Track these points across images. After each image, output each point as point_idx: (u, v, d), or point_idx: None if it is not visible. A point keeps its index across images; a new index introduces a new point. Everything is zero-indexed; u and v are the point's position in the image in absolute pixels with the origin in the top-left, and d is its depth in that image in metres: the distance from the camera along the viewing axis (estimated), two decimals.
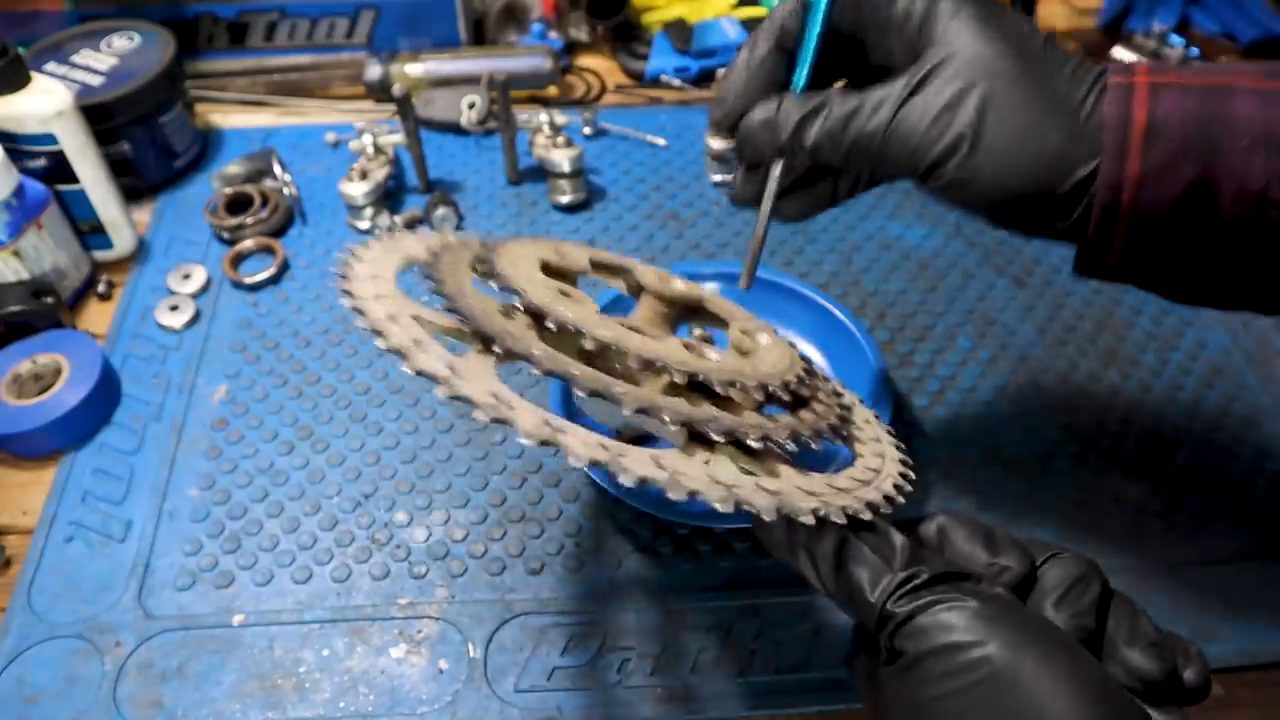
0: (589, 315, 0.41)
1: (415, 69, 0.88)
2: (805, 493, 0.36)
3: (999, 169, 0.39)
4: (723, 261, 0.73)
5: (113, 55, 0.78)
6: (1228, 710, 0.51)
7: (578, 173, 0.78)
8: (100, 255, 0.75)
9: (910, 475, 0.43)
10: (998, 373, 0.67)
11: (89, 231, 0.73)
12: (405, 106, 0.75)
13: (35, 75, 0.68)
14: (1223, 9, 0.95)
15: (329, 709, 0.50)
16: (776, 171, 0.45)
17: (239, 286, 0.73)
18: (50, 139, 0.68)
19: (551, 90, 0.91)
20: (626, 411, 0.37)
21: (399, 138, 0.78)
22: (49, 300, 0.67)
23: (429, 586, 0.55)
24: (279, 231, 0.77)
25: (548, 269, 0.46)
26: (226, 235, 0.75)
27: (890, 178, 0.45)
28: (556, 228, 0.78)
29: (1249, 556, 0.57)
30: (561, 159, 0.76)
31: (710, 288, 0.58)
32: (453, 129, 0.86)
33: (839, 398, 0.49)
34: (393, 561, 0.56)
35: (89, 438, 0.63)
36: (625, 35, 0.95)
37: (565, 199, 0.78)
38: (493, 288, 0.43)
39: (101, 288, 0.73)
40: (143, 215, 0.79)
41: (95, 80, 0.76)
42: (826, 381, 0.51)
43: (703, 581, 0.55)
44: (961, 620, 0.32)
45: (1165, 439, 0.63)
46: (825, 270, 0.74)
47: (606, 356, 0.40)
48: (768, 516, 0.34)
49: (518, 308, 0.41)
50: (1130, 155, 0.37)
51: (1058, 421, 0.63)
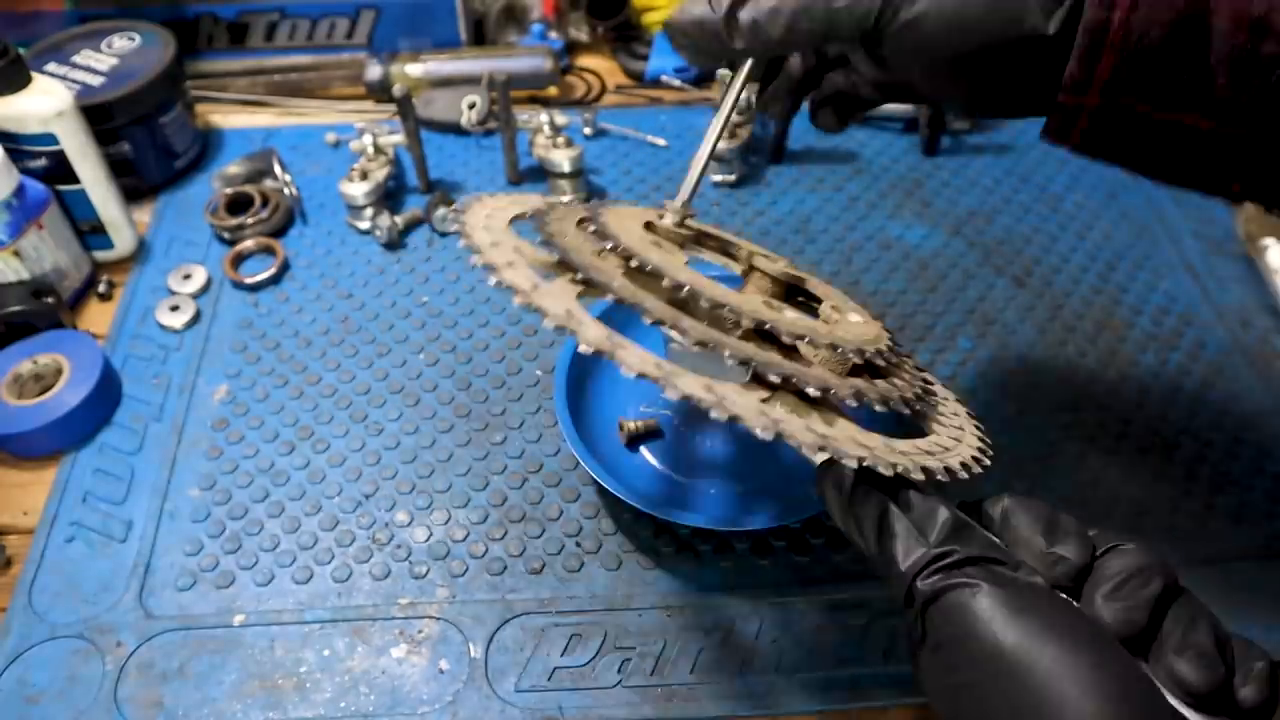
0: (675, 263, 0.42)
1: (415, 69, 0.88)
2: (858, 444, 0.36)
3: (952, 14, 0.36)
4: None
5: (113, 55, 0.78)
6: None
7: (578, 173, 0.78)
8: (101, 255, 0.75)
9: (984, 460, 0.42)
10: (998, 373, 0.67)
11: (89, 231, 0.73)
12: (405, 107, 0.75)
13: (36, 75, 0.68)
14: None
15: (330, 709, 0.50)
16: (743, 71, 0.44)
17: (239, 287, 0.73)
18: (51, 139, 0.68)
19: (551, 90, 0.91)
20: (688, 341, 0.37)
21: (399, 138, 0.78)
22: (49, 300, 0.67)
23: (430, 586, 0.55)
24: (279, 232, 0.77)
25: (651, 228, 0.47)
26: (227, 235, 0.76)
27: (843, 54, 0.43)
28: None
29: (1249, 556, 0.57)
30: (562, 159, 0.77)
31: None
32: (453, 129, 0.86)
33: (926, 382, 0.48)
34: (393, 561, 0.57)
35: (89, 438, 0.63)
36: (625, 35, 0.95)
37: (565, 199, 0.78)
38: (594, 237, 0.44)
39: (102, 288, 0.73)
40: (143, 215, 0.79)
41: (96, 80, 0.76)
42: (920, 370, 0.50)
43: (703, 582, 0.55)
44: (986, 606, 0.31)
45: (1165, 439, 0.63)
46: (825, 270, 0.74)
47: (690, 304, 0.41)
48: (808, 452, 0.34)
49: (611, 249, 0.43)
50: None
51: (1058, 421, 0.64)
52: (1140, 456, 0.62)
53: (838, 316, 0.46)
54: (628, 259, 0.41)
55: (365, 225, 0.77)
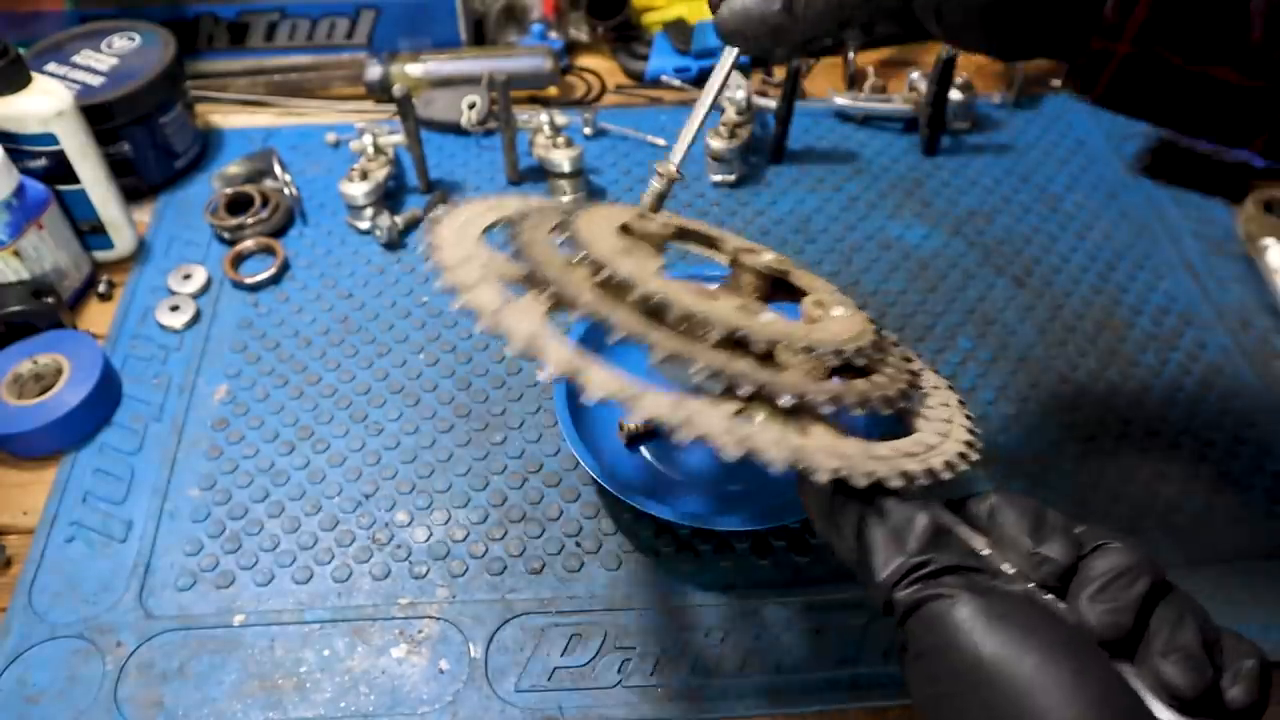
0: (646, 271, 0.41)
1: (415, 69, 0.88)
2: (833, 454, 0.35)
3: None
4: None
5: (113, 55, 0.78)
6: None
7: (578, 173, 0.78)
8: (101, 255, 0.75)
9: (970, 457, 0.41)
10: (998, 373, 0.67)
11: (89, 231, 0.73)
12: (405, 107, 0.75)
13: (36, 75, 0.68)
14: None
15: (330, 709, 0.50)
16: (730, 58, 0.45)
17: (239, 287, 0.73)
18: (51, 139, 0.68)
19: (552, 90, 0.91)
20: (656, 357, 0.37)
21: (399, 138, 0.78)
22: (49, 300, 0.67)
23: (429, 586, 0.55)
24: (279, 232, 0.77)
25: (628, 231, 0.46)
26: (227, 235, 0.76)
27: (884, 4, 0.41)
28: None
29: (1249, 556, 0.57)
30: (562, 159, 0.77)
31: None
32: (453, 129, 0.86)
33: (910, 376, 0.47)
34: (393, 561, 0.57)
35: (90, 438, 0.63)
36: (625, 35, 0.95)
37: (565, 199, 0.78)
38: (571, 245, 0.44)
39: (102, 288, 0.73)
40: (143, 215, 0.79)
41: (96, 80, 0.76)
42: (908, 361, 0.49)
43: (703, 582, 0.55)
44: (965, 616, 0.31)
45: (1165, 439, 0.63)
46: (825, 270, 0.74)
47: (664, 315, 0.40)
48: (777, 468, 0.33)
49: (581, 260, 0.42)
50: None
51: (1058, 421, 0.64)
52: (1140, 456, 0.62)
53: (820, 313, 0.45)
54: (598, 270, 0.41)
55: (365, 225, 0.77)
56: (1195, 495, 0.60)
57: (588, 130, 0.85)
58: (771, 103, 0.82)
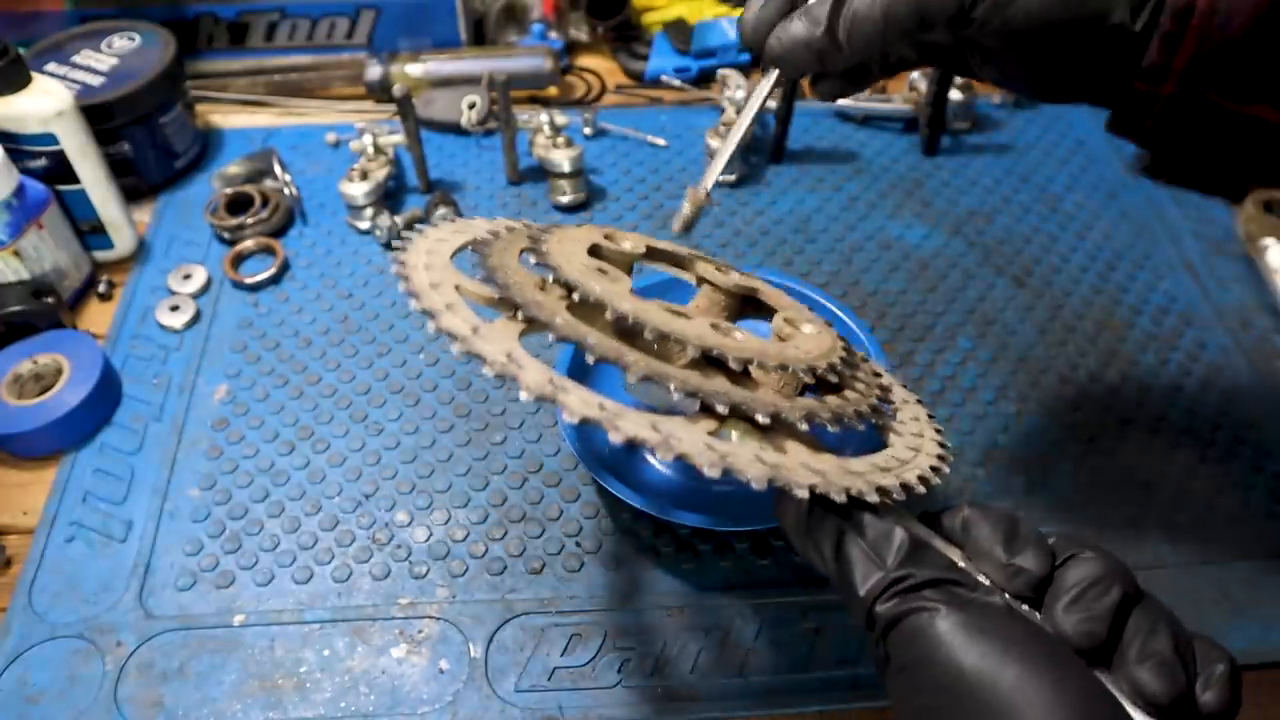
0: (618, 291, 0.41)
1: (415, 69, 0.88)
2: (809, 470, 0.35)
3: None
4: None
5: (113, 55, 0.78)
6: None
7: (578, 173, 0.78)
8: (100, 255, 0.75)
9: (942, 470, 0.42)
10: (998, 373, 0.67)
11: (89, 231, 0.73)
12: (405, 107, 0.75)
13: (36, 75, 0.68)
14: None
15: (330, 709, 0.50)
16: (769, 82, 0.45)
17: (239, 287, 0.73)
18: (51, 139, 0.68)
19: (551, 90, 0.91)
20: (633, 378, 0.37)
21: (399, 138, 0.78)
22: (49, 300, 0.67)
23: (429, 586, 0.55)
24: (279, 232, 0.77)
25: (598, 253, 0.47)
26: (227, 235, 0.76)
27: (929, 41, 0.42)
28: None
29: (1249, 556, 0.57)
30: (562, 159, 0.77)
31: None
32: (453, 129, 0.86)
33: (881, 391, 0.47)
34: (393, 561, 0.57)
35: (90, 438, 0.63)
36: (625, 35, 0.95)
37: (565, 199, 0.78)
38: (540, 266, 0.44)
39: (102, 288, 0.73)
40: (143, 215, 0.79)
41: (96, 80, 0.76)
42: (877, 376, 0.50)
43: (703, 582, 0.55)
44: (946, 629, 0.31)
45: (1165, 439, 0.63)
46: (825, 270, 0.74)
47: (639, 336, 0.40)
48: (756, 485, 0.34)
49: (554, 283, 0.42)
50: None
51: (1058, 421, 0.64)
52: (1140, 457, 0.62)
53: (790, 330, 0.46)
54: (571, 291, 0.41)
55: (365, 225, 0.77)
56: (1195, 495, 0.60)
57: (588, 130, 0.85)
58: (772, 103, 0.82)
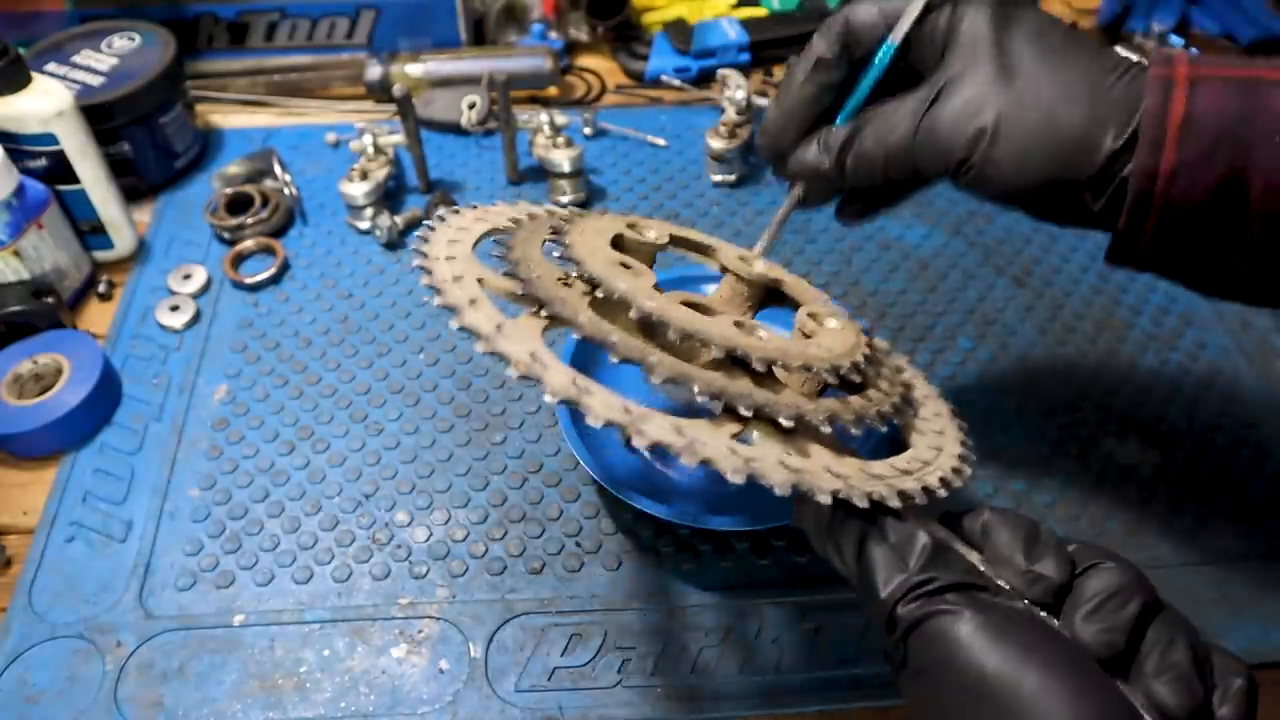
0: (642, 287, 0.40)
1: (415, 69, 0.88)
2: (832, 474, 0.35)
3: (1019, 160, 0.40)
4: None
5: (113, 55, 0.78)
6: None
7: (578, 173, 0.78)
8: (100, 255, 0.75)
9: (964, 471, 0.42)
10: (998, 373, 0.67)
11: (89, 231, 0.73)
12: (405, 107, 0.75)
13: (36, 75, 0.68)
14: (1222, 9, 0.95)
15: (330, 709, 0.50)
16: (797, 191, 0.49)
17: (239, 287, 0.73)
18: (51, 139, 0.68)
19: (551, 90, 0.91)
20: (656, 379, 0.37)
21: (399, 138, 0.78)
22: (49, 300, 0.67)
23: (429, 586, 0.55)
24: (279, 232, 0.77)
25: (620, 243, 0.46)
26: (227, 235, 0.76)
27: (930, 180, 0.47)
28: None
29: (1249, 556, 0.57)
30: (562, 159, 0.77)
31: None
32: (453, 129, 0.86)
33: (905, 387, 0.47)
34: (393, 561, 0.57)
35: (90, 438, 0.63)
36: (625, 35, 0.95)
37: (565, 199, 0.78)
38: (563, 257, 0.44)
39: (102, 288, 0.73)
40: (143, 215, 0.79)
41: (96, 80, 0.76)
42: (900, 372, 0.50)
43: (703, 581, 0.55)
44: (967, 633, 0.32)
45: (1165, 439, 0.63)
46: (825, 270, 0.74)
47: (660, 332, 0.40)
48: (780, 491, 0.34)
49: (577, 277, 0.42)
50: (1166, 148, 0.38)
51: (1058, 422, 0.64)
52: (1140, 456, 0.62)
53: (814, 326, 0.45)
54: (594, 286, 0.40)
55: (365, 225, 0.77)
56: (1195, 495, 0.60)
57: (588, 130, 0.85)
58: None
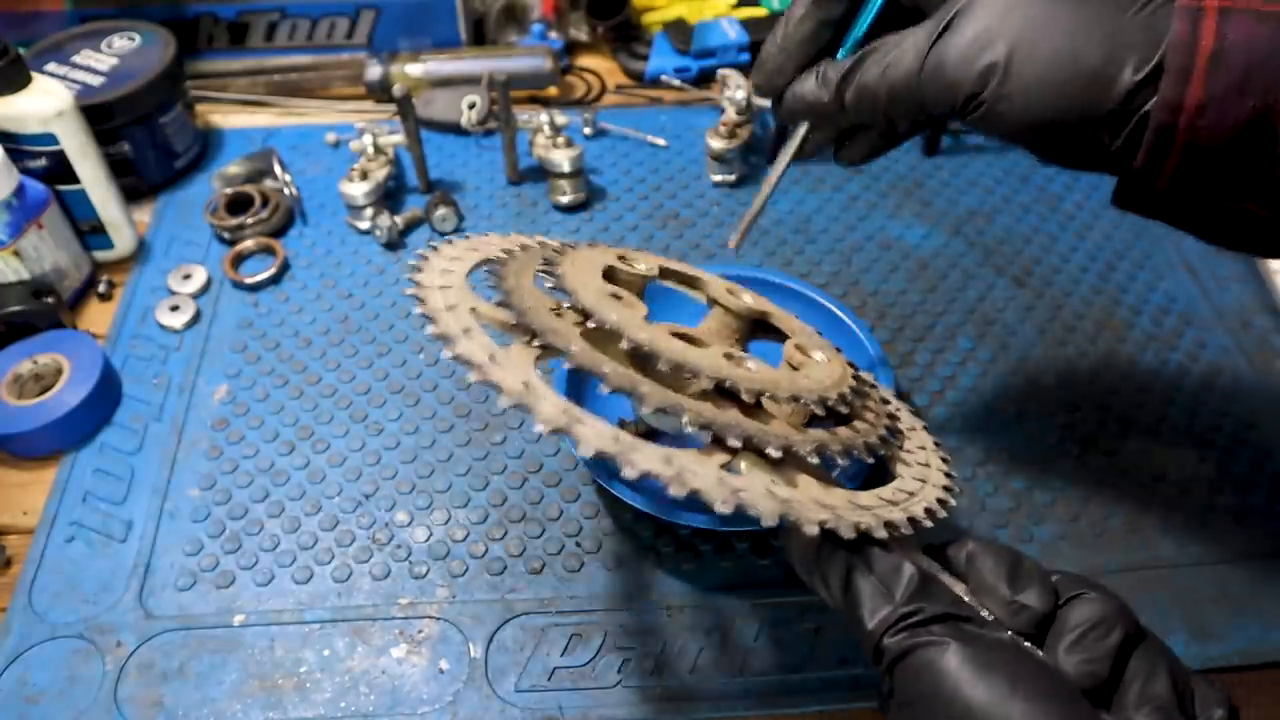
0: (633, 319, 0.41)
1: (415, 69, 0.88)
2: (820, 505, 0.36)
3: (1032, 94, 0.38)
4: (723, 264, 0.73)
5: (113, 55, 0.78)
6: None
7: (578, 173, 0.78)
8: (100, 255, 0.75)
9: (949, 502, 0.42)
10: (998, 373, 0.67)
11: (89, 231, 0.73)
12: (405, 107, 0.75)
13: (36, 75, 0.68)
14: None
15: (330, 709, 0.50)
16: (800, 132, 0.47)
17: (239, 287, 0.73)
18: (51, 139, 0.68)
19: (551, 90, 0.91)
20: (646, 410, 0.37)
21: (399, 138, 0.78)
22: (49, 300, 0.67)
23: (429, 586, 0.55)
24: (279, 232, 0.77)
25: (612, 275, 0.47)
26: (227, 235, 0.76)
27: (937, 118, 0.44)
28: (557, 228, 0.78)
29: (1249, 556, 0.57)
30: (562, 159, 0.77)
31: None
32: (453, 129, 0.86)
33: (890, 419, 0.48)
34: (393, 561, 0.57)
35: (90, 438, 0.63)
36: (625, 35, 0.95)
37: (565, 199, 0.78)
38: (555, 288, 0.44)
39: (102, 288, 0.73)
40: (143, 215, 0.79)
41: (96, 80, 0.76)
42: (885, 403, 0.50)
43: (703, 582, 0.55)
44: (954, 664, 0.32)
45: (1165, 439, 0.63)
46: (825, 270, 0.74)
47: (651, 363, 0.40)
48: (768, 521, 0.34)
49: (569, 308, 0.43)
50: (1193, 80, 0.35)
51: (1058, 421, 0.64)
52: (1140, 456, 0.62)
53: (801, 358, 0.46)
54: (586, 317, 0.41)
55: (365, 225, 0.77)
56: (1195, 495, 0.60)
57: (588, 130, 0.85)
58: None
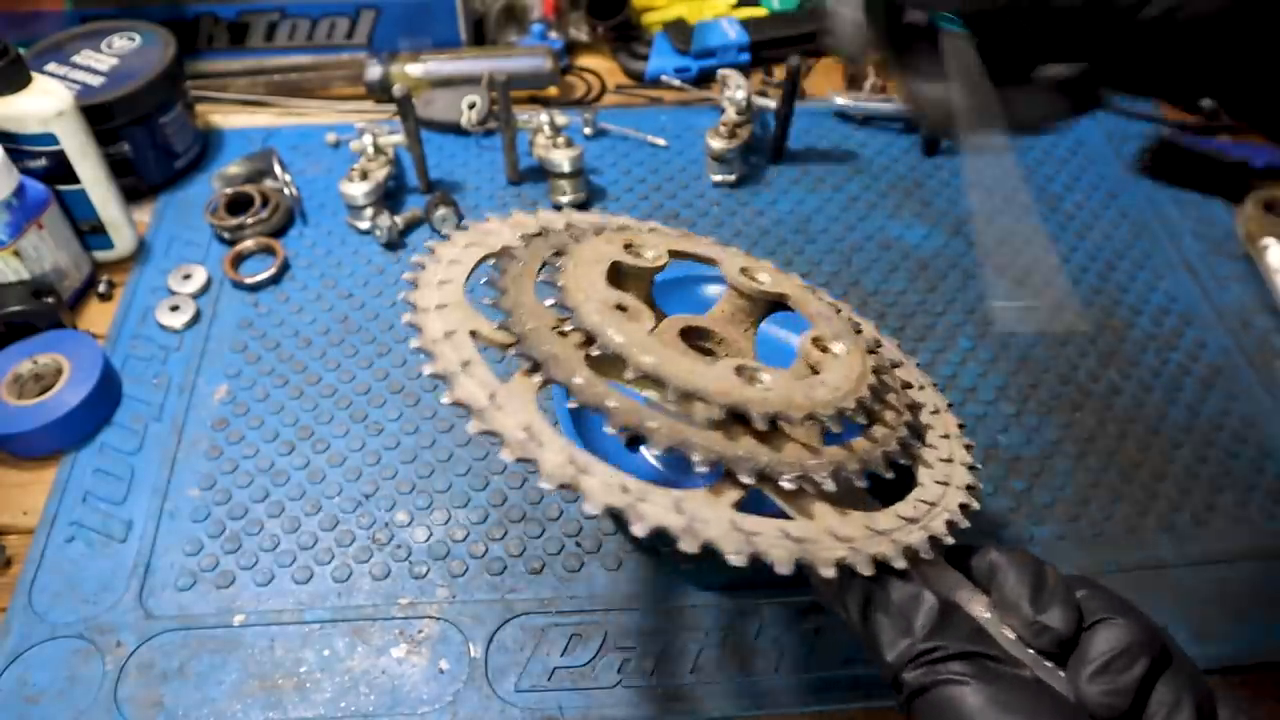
0: (638, 338, 0.40)
1: (415, 69, 0.88)
2: (836, 539, 0.36)
3: None
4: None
5: (113, 55, 0.78)
6: None
7: (578, 173, 0.78)
8: (101, 255, 0.75)
9: (971, 507, 0.42)
10: (998, 373, 0.67)
11: (89, 231, 0.73)
12: (405, 107, 0.75)
13: (36, 75, 0.68)
14: None
15: (330, 709, 0.50)
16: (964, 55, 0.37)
17: (239, 287, 0.73)
18: (51, 139, 0.68)
19: (552, 90, 0.91)
20: (656, 450, 0.37)
21: (399, 138, 0.78)
22: (49, 300, 0.67)
23: (429, 586, 0.55)
24: (279, 232, 0.77)
25: (618, 272, 0.45)
26: (227, 235, 0.76)
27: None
28: None
29: (1249, 556, 0.57)
30: (562, 159, 0.76)
31: (795, 282, 0.51)
32: (453, 129, 0.86)
33: (912, 411, 0.46)
34: (393, 561, 0.57)
35: (90, 438, 0.63)
36: (625, 35, 0.95)
37: (566, 199, 0.78)
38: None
39: (102, 288, 0.73)
40: (143, 215, 0.79)
41: (96, 80, 0.76)
42: (907, 388, 0.48)
43: (703, 582, 0.55)
44: (976, 705, 0.32)
45: (1165, 439, 0.63)
46: (825, 270, 0.74)
47: (663, 390, 0.39)
48: (783, 569, 0.34)
49: (573, 329, 0.41)
50: None
51: (1058, 421, 0.64)
52: (1140, 456, 0.62)
53: (819, 355, 0.44)
54: (589, 341, 0.40)
55: (365, 225, 0.77)
56: (1195, 495, 0.60)
57: (588, 130, 0.85)
58: (772, 103, 0.82)
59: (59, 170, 0.69)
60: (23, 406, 0.61)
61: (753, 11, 0.97)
